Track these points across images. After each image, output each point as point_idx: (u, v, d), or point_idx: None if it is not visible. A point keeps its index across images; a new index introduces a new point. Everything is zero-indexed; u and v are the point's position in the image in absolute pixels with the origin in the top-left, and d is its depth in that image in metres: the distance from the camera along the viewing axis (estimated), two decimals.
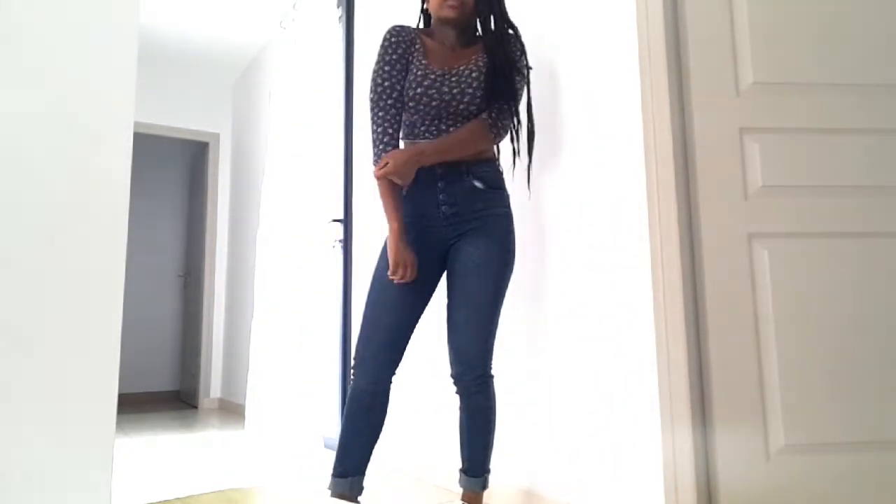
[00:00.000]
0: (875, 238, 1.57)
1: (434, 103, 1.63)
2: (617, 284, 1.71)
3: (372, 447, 1.60)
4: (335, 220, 3.13)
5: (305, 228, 3.51)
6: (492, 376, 1.66)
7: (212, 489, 2.32)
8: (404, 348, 1.62)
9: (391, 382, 1.61)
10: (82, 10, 1.23)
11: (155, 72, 5.02)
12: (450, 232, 1.65)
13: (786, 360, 1.52)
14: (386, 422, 1.62)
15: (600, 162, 1.79)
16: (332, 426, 3.11)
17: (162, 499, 2.19)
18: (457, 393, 1.66)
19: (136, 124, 4.91)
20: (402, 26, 1.71)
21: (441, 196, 1.64)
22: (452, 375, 1.65)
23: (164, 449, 3.20)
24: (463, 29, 1.72)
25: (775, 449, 1.50)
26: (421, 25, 1.84)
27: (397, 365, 1.61)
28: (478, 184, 1.65)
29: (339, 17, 3.31)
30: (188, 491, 2.29)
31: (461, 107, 1.64)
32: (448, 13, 1.66)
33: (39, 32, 1.19)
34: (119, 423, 4.22)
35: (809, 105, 1.61)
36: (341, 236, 3.11)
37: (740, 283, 1.55)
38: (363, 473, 1.58)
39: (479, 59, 1.68)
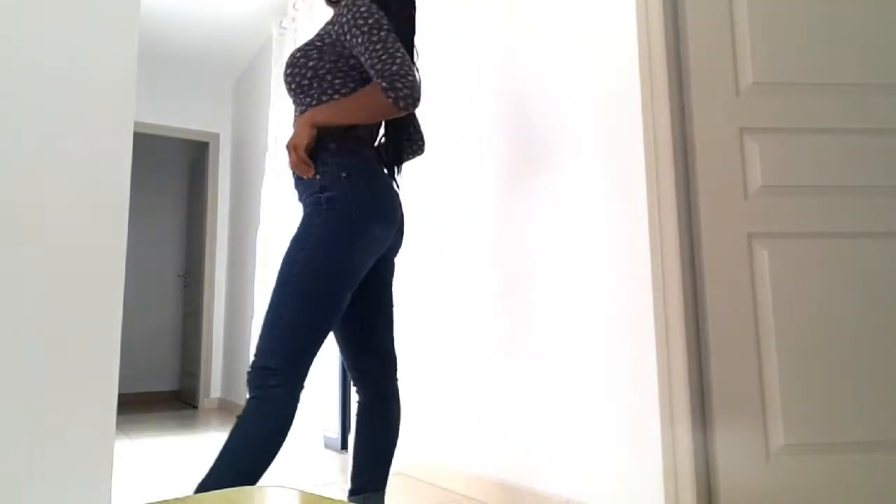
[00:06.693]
0: (875, 238, 1.57)
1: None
2: (617, 284, 1.71)
3: (378, 458, 1.49)
4: None
5: None
6: (269, 374, 1.28)
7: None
8: (362, 351, 1.60)
9: (362, 388, 1.55)
10: (82, 11, 1.23)
11: (155, 72, 5.02)
12: None
13: (786, 360, 1.52)
14: (394, 431, 1.53)
15: (600, 162, 1.79)
16: (332, 426, 3.10)
17: (162, 499, 2.19)
18: None
19: (136, 124, 4.91)
20: None
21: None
22: None
23: (164, 449, 3.20)
24: None
25: (775, 449, 1.50)
26: None
27: (359, 370, 1.57)
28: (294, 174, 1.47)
29: None
30: (188, 491, 2.29)
31: (288, 79, 1.48)
32: None
33: (39, 33, 1.19)
34: (119, 423, 4.21)
35: (809, 105, 1.61)
36: None
37: (740, 283, 1.55)
38: (376, 490, 1.47)
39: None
